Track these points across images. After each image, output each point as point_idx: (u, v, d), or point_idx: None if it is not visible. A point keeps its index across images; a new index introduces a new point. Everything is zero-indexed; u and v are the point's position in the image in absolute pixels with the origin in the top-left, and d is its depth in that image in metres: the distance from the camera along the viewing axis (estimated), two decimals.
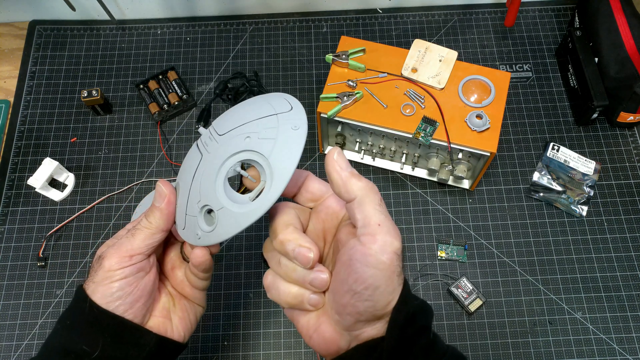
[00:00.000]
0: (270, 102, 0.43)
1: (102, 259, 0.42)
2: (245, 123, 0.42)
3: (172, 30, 0.87)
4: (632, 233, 0.72)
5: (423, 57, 0.69)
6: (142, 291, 0.42)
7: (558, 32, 0.86)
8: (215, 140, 0.42)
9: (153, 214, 0.43)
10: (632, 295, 0.68)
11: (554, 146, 0.76)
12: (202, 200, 0.41)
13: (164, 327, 0.44)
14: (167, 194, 0.43)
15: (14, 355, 0.66)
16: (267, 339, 0.67)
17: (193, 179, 0.42)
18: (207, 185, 0.41)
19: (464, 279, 0.68)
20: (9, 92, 0.83)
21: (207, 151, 0.43)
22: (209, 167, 0.42)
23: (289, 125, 0.40)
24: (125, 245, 0.42)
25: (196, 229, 0.42)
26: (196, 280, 0.45)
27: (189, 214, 0.42)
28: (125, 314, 0.41)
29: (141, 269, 0.42)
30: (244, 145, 0.40)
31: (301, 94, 0.82)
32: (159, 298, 0.45)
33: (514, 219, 0.73)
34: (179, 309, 0.46)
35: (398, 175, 0.76)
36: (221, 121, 0.45)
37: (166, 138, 0.79)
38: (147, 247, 0.43)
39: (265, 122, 0.41)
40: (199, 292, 0.47)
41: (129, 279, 0.41)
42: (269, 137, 0.39)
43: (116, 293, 0.41)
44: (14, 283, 0.70)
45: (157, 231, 0.43)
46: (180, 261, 0.47)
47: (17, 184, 0.76)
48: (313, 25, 0.87)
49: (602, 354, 0.65)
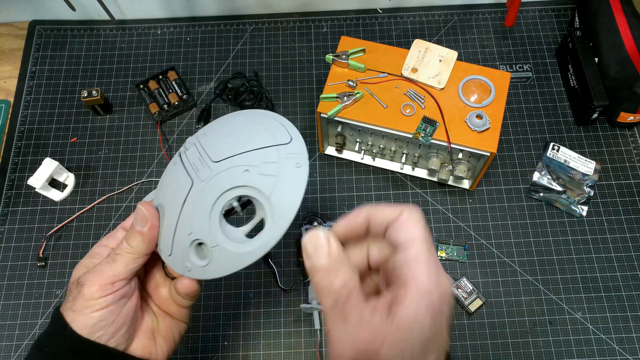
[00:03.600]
0: (268, 129, 0.41)
1: (82, 285, 0.40)
2: (242, 152, 0.39)
3: (172, 30, 0.87)
4: (632, 233, 0.72)
5: (423, 57, 0.69)
6: (125, 318, 0.41)
7: (558, 32, 0.86)
8: (209, 167, 0.40)
9: (135, 238, 0.41)
10: (632, 295, 0.68)
11: (554, 146, 0.76)
12: (195, 234, 0.39)
13: (149, 349, 0.43)
14: (149, 218, 0.41)
15: (14, 355, 0.66)
16: (267, 339, 0.67)
17: (183, 206, 0.40)
18: (201, 218, 0.39)
19: (464, 279, 0.68)
20: (9, 92, 0.83)
21: (198, 178, 0.40)
22: (202, 198, 0.39)
23: (290, 161, 0.38)
24: (107, 271, 0.40)
25: (185, 260, 0.40)
26: (182, 299, 0.44)
27: (176, 243, 0.41)
28: (109, 342, 0.39)
29: (124, 295, 0.41)
30: (242, 180, 0.38)
31: (301, 94, 0.82)
32: (142, 318, 0.44)
33: (514, 219, 0.73)
34: (163, 328, 0.45)
35: (398, 175, 0.76)
36: (212, 141, 0.42)
37: (166, 138, 0.79)
38: (129, 272, 0.41)
39: (264, 155, 0.39)
40: (185, 309, 0.46)
41: (111, 307, 0.39)
42: (270, 173, 0.38)
43: (98, 323, 0.39)
44: (14, 283, 0.70)
45: (140, 256, 0.41)
46: (164, 279, 0.46)
47: (17, 184, 0.76)
48: (313, 25, 0.87)
49: (602, 354, 0.65)
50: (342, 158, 0.77)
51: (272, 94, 0.82)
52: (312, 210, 0.73)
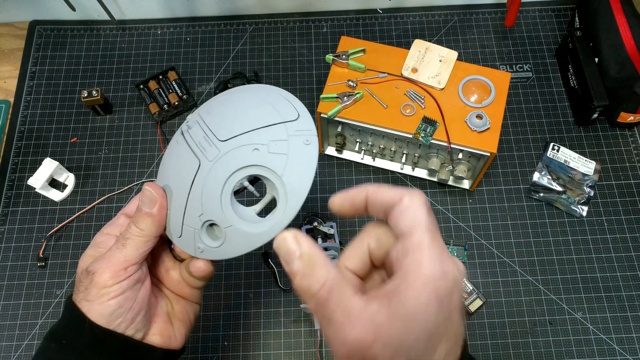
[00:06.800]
0: (272, 105, 0.40)
1: (93, 274, 0.39)
2: (249, 130, 0.39)
3: (172, 30, 0.87)
4: (632, 233, 0.72)
5: (423, 57, 0.69)
6: (142, 303, 0.40)
7: (558, 32, 0.86)
8: (216, 147, 0.39)
9: (144, 220, 0.40)
10: (632, 295, 0.68)
11: (554, 146, 0.76)
12: (206, 214, 0.39)
13: (167, 332, 0.43)
14: (158, 199, 0.41)
15: (14, 355, 0.66)
16: (267, 339, 0.67)
17: (191, 187, 0.39)
18: (211, 198, 0.38)
19: (464, 279, 0.68)
20: (9, 92, 0.83)
21: (206, 158, 0.39)
22: (211, 178, 0.39)
23: (300, 139, 0.38)
24: (117, 257, 0.39)
25: (197, 242, 0.40)
26: (195, 281, 0.44)
27: (187, 224, 0.40)
28: (127, 330, 0.39)
29: (137, 280, 0.40)
30: (252, 159, 0.38)
31: (301, 94, 0.82)
32: (156, 303, 0.43)
33: (514, 219, 0.73)
34: (178, 311, 0.45)
35: (398, 175, 0.76)
36: (217, 119, 0.41)
37: (166, 138, 0.79)
38: (140, 256, 0.40)
39: (273, 133, 0.38)
40: (197, 290, 0.46)
41: (126, 293, 0.39)
42: (280, 152, 0.37)
43: (116, 311, 0.38)
44: (14, 283, 0.70)
45: (150, 238, 0.40)
46: (173, 262, 0.45)
47: (17, 184, 0.76)
48: (313, 26, 0.87)
49: (602, 354, 0.65)
50: (342, 158, 0.77)
51: None
52: (312, 211, 0.73)
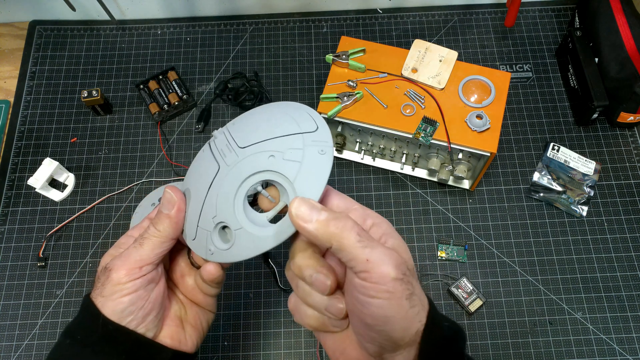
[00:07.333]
0: (294, 117, 0.41)
1: (109, 270, 0.40)
2: (268, 139, 0.40)
3: (172, 30, 0.87)
4: (632, 233, 0.72)
5: (423, 57, 0.69)
6: (154, 303, 0.41)
7: (558, 32, 0.86)
8: (235, 153, 0.41)
9: (162, 222, 0.41)
10: (632, 295, 0.68)
11: (554, 146, 0.76)
12: (219, 216, 0.40)
13: (178, 336, 0.43)
14: (177, 202, 0.42)
15: (14, 355, 0.66)
16: (267, 339, 0.67)
17: (209, 190, 0.41)
18: (225, 201, 0.40)
19: (464, 279, 0.68)
20: (9, 92, 0.83)
21: (225, 162, 0.41)
22: (227, 182, 0.40)
23: (315, 148, 0.39)
24: (134, 256, 0.40)
25: (209, 244, 0.40)
26: (208, 287, 0.44)
27: (201, 227, 0.41)
28: (138, 328, 0.40)
29: (151, 280, 0.41)
30: (267, 165, 0.39)
31: (301, 94, 0.82)
32: (169, 307, 0.44)
33: (514, 219, 0.73)
34: (191, 317, 0.45)
35: (398, 175, 0.76)
36: (240, 129, 0.43)
37: (166, 138, 0.79)
38: (156, 256, 0.41)
39: (290, 141, 0.39)
40: (211, 298, 0.46)
41: (139, 292, 0.40)
42: (295, 159, 0.38)
43: (128, 308, 0.39)
44: (14, 283, 0.70)
45: (167, 240, 0.41)
46: (190, 268, 0.46)
47: (17, 184, 0.76)
48: (313, 26, 0.87)
49: (602, 354, 0.65)
50: (342, 158, 0.77)
51: (272, 94, 0.82)
52: None
